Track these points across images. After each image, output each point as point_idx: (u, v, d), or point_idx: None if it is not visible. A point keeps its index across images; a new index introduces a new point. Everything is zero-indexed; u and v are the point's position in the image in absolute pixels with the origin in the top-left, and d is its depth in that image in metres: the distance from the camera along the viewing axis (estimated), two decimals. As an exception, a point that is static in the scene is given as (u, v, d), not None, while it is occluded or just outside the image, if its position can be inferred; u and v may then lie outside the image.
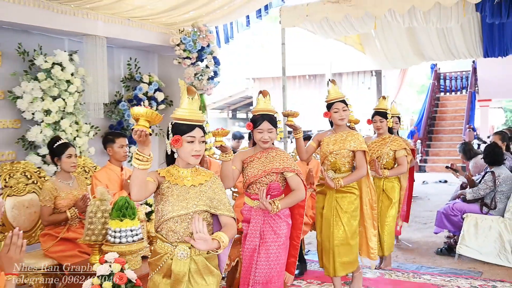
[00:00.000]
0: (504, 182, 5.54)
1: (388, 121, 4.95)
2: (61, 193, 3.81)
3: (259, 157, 3.29)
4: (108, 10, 5.25)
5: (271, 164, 3.25)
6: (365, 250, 4.27)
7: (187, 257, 2.44)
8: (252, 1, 6.30)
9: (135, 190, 2.36)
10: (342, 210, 3.98)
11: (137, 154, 2.27)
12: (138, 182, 2.34)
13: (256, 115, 3.28)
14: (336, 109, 4.05)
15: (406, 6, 5.96)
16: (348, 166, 4.04)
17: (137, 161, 2.28)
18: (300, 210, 3.43)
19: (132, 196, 2.40)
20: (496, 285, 4.70)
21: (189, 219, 2.43)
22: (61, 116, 4.80)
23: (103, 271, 2.81)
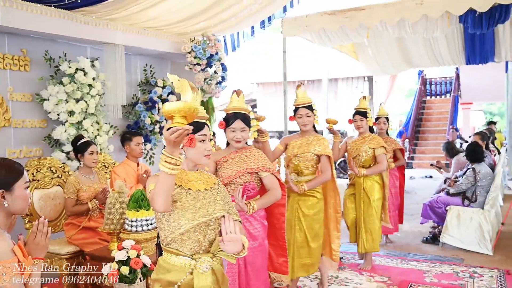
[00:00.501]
0: (484, 178, 5.52)
1: (368, 120, 4.61)
2: (83, 186, 3.82)
3: (233, 158, 2.90)
4: (126, 21, 5.25)
5: (246, 164, 2.87)
6: (328, 252, 4.04)
7: (209, 269, 2.02)
8: (256, 13, 6.29)
9: (163, 199, 1.88)
10: (303, 213, 3.70)
11: (167, 156, 1.81)
12: (167, 189, 1.88)
13: (229, 114, 2.90)
14: (300, 115, 3.77)
15: (395, 18, 5.94)
16: (311, 170, 3.75)
17: (168, 164, 1.81)
18: (281, 209, 3.09)
19: (159, 207, 1.90)
20: (476, 271, 4.68)
21: (208, 226, 2.06)
22: (83, 116, 4.80)
23: (121, 256, 2.83)
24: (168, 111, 1.80)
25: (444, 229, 5.56)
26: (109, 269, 2.81)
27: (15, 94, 4.54)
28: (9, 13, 4.09)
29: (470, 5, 5.43)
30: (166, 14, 5.53)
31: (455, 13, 5.59)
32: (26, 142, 4.64)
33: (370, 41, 8.20)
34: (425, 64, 9.83)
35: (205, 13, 5.79)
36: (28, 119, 4.66)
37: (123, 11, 5.02)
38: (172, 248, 2.04)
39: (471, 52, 8.32)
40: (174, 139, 1.75)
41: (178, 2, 5.37)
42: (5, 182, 1.93)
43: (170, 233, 2.01)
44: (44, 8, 4.40)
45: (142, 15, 5.28)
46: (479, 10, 5.42)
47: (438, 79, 16.30)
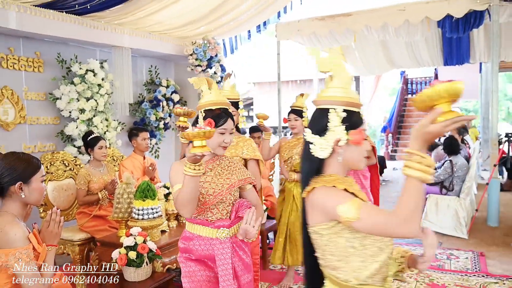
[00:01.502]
0: (460, 169, 5.53)
1: (303, 120, 3.78)
2: (93, 178, 3.79)
3: (211, 168, 2.05)
4: (132, 26, 5.21)
5: (234, 176, 2.07)
6: None
7: None
8: (252, 19, 6.25)
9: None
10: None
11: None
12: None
13: (218, 110, 2.01)
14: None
15: (380, 22, 5.93)
16: None
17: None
18: None
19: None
20: (453, 253, 4.70)
21: None
22: (93, 114, 4.77)
23: (128, 242, 2.82)
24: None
25: (423, 216, 5.57)
26: (118, 254, 2.80)
27: (30, 93, 4.50)
28: (24, 18, 4.05)
29: (448, 11, 5.43)
30: (170, 19, 5.49)
31: (434, 18, 5.59)
32: (40, 138, 4.60)
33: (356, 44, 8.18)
34: (407, 65, 9.82)
35: (206, 18, 5.75)
36: (42, 117, 4.62)
37: (130, 16, 4.98)
38: None
39: (448, 54, 8.31)
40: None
41: (180, 8, 5.33)
42: (23, 175, 1.91)
43: None
44: (56, 13, 4.36)
45: (148, 20, 5.24)
46: (456, 16, 5.42)
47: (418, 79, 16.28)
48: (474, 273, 4.10)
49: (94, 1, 4.47)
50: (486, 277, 3.99)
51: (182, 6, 5.29)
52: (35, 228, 1.97)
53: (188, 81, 2.28)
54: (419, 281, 3.92)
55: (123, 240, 2.85)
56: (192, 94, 6.24)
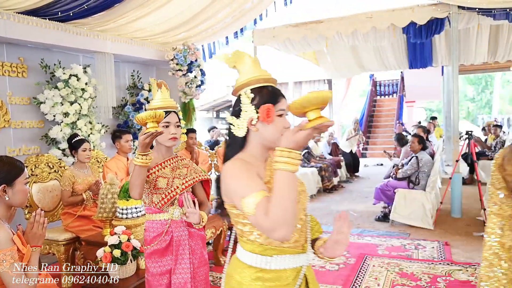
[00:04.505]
0: (425, 164, 5.64)
1: None
2: (78, 179, 3.70)
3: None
4: (115, 32, 5.12)
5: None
6: None
7: None
8: (230, 26, 6.24)
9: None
10: None
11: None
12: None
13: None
14: None
15: (349, 29, 6.00)
16: None
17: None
18: None
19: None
20: (420, 243, 4.79)
21: None
22: (77, 117, 4.66)
23: (113, 241, 2.76)
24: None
25: (393, 209, 5.66)
26: (103, 252, 2.74)
27: (14, 98, 4.36)
28: (8, 25, 3.94)
29: (412, 19, 5.54)
30: (151, 26, 5.43)
31: (399, 25, 5.69)
32: (24, 141, 4.47)
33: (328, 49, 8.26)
34: (375, 68, 9.97)
35: (185, 25, 5.71)
36: (27, 120, 4.49)
37: (112, 23, 4.89)
38: None
39: (413, 58, 8.48)
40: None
41: (161, 16, 5.27)
42: (7, 177, 1.86)
43: None
44: (40, 20, 4.25)
45: (129, 26, 5.16)
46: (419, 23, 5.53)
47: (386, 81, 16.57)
48: (440, 261, 4.18)
49: (77, 9, 4.37)
50: (451, 264, 4.08)
51: (162, 14, 5.23)
52: (20, 230, 1.91)
53: (169, 84, 2.30)
54: (389, 270, 3.98)
55: (107, 239, 2.79)
56: (173, 97, 6.16)
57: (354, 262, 4.23)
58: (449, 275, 3.84)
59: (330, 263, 4.21)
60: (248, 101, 1.37)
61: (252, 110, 1.36)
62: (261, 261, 1.34)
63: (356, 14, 6.00)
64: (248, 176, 1.27)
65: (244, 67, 1.44)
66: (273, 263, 1.34)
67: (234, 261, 1.44)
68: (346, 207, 6.93)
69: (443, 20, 5.45)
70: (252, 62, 1.43)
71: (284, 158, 1.19)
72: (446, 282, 3.67)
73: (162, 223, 2.14)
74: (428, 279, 3.72)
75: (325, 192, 8.28)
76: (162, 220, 2.14)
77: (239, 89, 1.42)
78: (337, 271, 4.02)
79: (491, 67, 10.29)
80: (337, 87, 14.80)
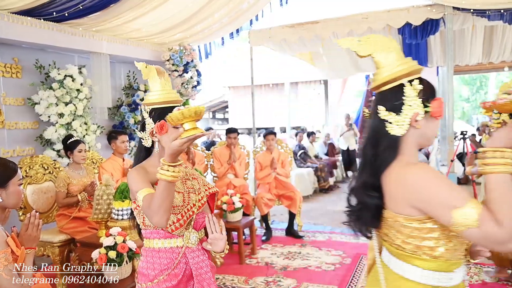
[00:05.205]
0: (421, 165, 5.66)
1: None
2: (73, 180, 3.68)
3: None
4: (110, 32, 5.10)
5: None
6: None
7: None
8: (226, 26, 6.22)
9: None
10: None
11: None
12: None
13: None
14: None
15: (345, 29, 6.00)
16: None
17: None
18: None
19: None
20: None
21: None
22: (72, 118, 4.63)
23: (108, 242, 2.75)
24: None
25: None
26: (98, 253, 2.72)
27: (8, 98, 4.33)
28: (2, 25, 3.91)
29: (407, 20, 5.55)
30: (147, 26, 5.40)
31: (394, 26, 5.70)
32: (19, 142, 4.43)
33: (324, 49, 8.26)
34: (371, 69, 9.96)
35: (182, 25, 5.69)
36: (21, 121, 4.46)
37: (107, 23, 4.86)
38: None
39: (408, 59, 8.49)
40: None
41: (157, 16, 5.25)
42: (0, 179, 1.85)
43: None
44: (34, 20, 4.22)
45: (125, 27, 5.14)
46: (414, 23, 5.54)
47: (382, 82, 16.61)
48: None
49: (72, 9, 4.34)
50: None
51: (158, 15, 5.21)
52: (14, 232, 1.90)
53: None
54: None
55: (103, 240, 2.78)
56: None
57: (350, 262, 4.24)
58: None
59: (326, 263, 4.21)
60: (415, 93, 1.22)
61: (419, 105, 1.22)
62: (445, 278, 1.21)
63: (352, 14, 6.00)
64: (450, 184, 1.13)
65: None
66: (454, 278, 1.22)
67: (396, 282, 1.26)
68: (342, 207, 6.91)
69: (438, 21, 5.46)
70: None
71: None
72: (441, 282, 3.67)
73: (173, 251, 1.65)
74: (423, 279, 3.72)
75: (321, 192, 8.30)
76: (174, 247, 1.65)
77: (397, 78, 1.25)
78: (333, 271, 4.02)
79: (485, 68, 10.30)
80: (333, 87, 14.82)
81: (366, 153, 1.30)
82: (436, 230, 1.17)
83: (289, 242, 4.97)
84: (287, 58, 10.21)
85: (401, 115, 1.22)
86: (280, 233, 5.39)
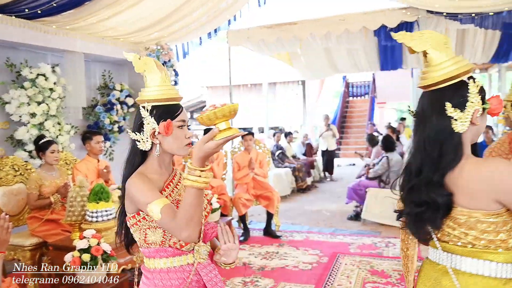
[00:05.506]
0: (395, 164, 5.78)
1: None
2: (45, 182, 3.58)
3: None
4: (85, 31, 4.99)
5: None
6: None
7: None
8: (204, 25, 6.18)
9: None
10: None
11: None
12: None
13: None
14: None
15: (323, 31, 6.07)
16: None
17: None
18: None
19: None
20: (391, 241, 4.89)
21: None
22: (45, 118, 4.50)
23: (82, 245, 2.70)
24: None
25: (364, 208, 5.77)
26: (71, 257, 2.66)
27: (-23, 98, 4.18)
28: (-31, 21, 3.76)
29: (383, 22, 5.65)
30: (123, 25, 5.31)
31: (370, 28, 5.79)
32: (-11, 143, 4.29)
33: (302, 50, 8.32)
34: (348, 70, 10.11)
35: (159, 24, 5.62)
36: (-9, 121, 4.32)
37: (82, 21, 4.75)
38: None
39: (384, 60, 8.65)
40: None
41: (134, 15, 5.16)
42: None
43: None
44: (5, 17, 4.08)
45: (101, 25, 5.03)
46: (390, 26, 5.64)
47: (358, 82, 16.86)
48: (409, 258, 4.28)
49: (45, 6, 4.22)
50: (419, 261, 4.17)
51: (135, 13, 5.12)
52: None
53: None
54: (361, 268, 4.04)
55: (76, 243, 2.72)
56: (146, 97, 6.07)
57: (327, 261, 4.28)
58: (417, 271, 3.93)
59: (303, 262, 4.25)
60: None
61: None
62: None
63: (329, 16, 6.06)
64: None
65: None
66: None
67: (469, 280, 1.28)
68: (319, 206, 7.01)
69: (412, 23, 5.57)
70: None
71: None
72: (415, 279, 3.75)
73: (184, 269, 1.46)
74: (398, 276, 3.81)
75: (299, 192, 8.36)
76: (185, 265, 1.47)
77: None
78: (310, 270, 4.05)
79: (457, 70, 10.65)
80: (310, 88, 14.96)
81: (428, 152, 1.29)
82: (509, 222, 1.22)
83: (266, 242, 4.99)
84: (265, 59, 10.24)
85: (465, 112, 1.25)
86: (258, 233, 5.39)
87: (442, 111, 1.26)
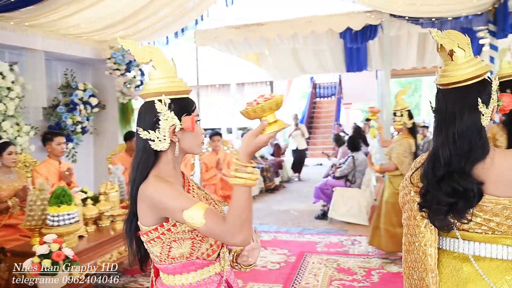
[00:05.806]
0: (360, 164, 5.91)
1: None
2: (2, 185, 3.42)
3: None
4: (46, 28, 4.80)
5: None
6: None
7: None
8: (171, 25, 6.09)
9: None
10: None
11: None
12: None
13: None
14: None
15: (290, 32, 6.13)
16: None
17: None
18: None
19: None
20: (356, 239, 5.00)
21: None
22: (2, 118, 4.30)
23: (42, 250, 2.59)
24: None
25: (331, 207, 5.87)
26: (31, 263, 2.55)
27: None
28: None
29: (348, 25, 5.77)
30: (86, 22, 5.15)
31: (336, 30, 5.91)
32: None
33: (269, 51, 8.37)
34: (315, 71, 10.25)
35: (124, 23, 5.49)
36: None
37: (42, 18, 4.57)
38: None
39: (349, 62, 8.82)
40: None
41: (97, 12, 5.02)
42: None
43: None
44: (-42, 12, 3.87)
45: (63, 22, 4.86)
46: (355, 28, 5.78)
47: (325, 83, 17.13)
48: (374, 255, 4.39)
49: (2, 1, 4.02)
50: (383, 258, 4.29)
51: (98, 11, 4.98)
52: None
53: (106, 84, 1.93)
54: (328, 266, 4.11)
55: (36, 248, 2.61)
56: (111, 97, 5.92)
57: (295, 260, 4.32)
58: (382, 267, 4.04)
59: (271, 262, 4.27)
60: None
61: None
62: None
63: (296, 18, 6.13)
64: None
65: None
66: None
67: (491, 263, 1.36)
68: (287, 206, 7.07)
69: (376, 26, 5.73)
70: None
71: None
72: (379, 275, 3.86)
73: (213, 281, 1.35)
74: (363, 273, 3.90)
75: (267, 192, 8.39)
76: (213, 275, 1.35)
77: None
78: (278, 269, 4.08)
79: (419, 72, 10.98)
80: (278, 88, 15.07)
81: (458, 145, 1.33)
82: None
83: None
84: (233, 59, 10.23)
85: (489, 108, 1.33)
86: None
87: (473, 107, 1.32)
